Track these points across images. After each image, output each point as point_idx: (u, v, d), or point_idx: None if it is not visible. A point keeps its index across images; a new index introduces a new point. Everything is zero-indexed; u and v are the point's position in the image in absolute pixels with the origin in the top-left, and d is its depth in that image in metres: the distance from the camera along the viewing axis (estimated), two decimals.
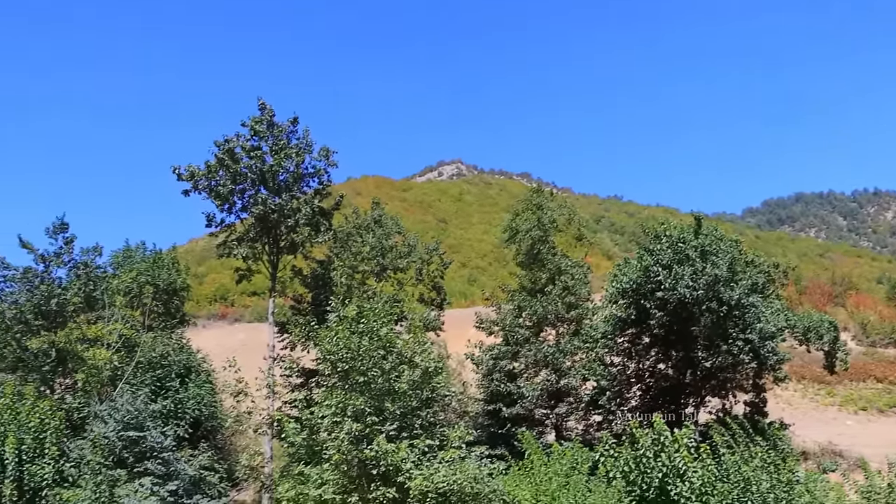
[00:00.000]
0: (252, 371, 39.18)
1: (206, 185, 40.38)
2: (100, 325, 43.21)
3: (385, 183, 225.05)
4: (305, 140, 40.93)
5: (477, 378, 44.34)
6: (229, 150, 39.97)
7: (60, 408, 39.30)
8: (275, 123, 40.73)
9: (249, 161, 40.06)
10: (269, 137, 40.52)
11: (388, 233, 44.61)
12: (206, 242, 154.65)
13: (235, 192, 40.53)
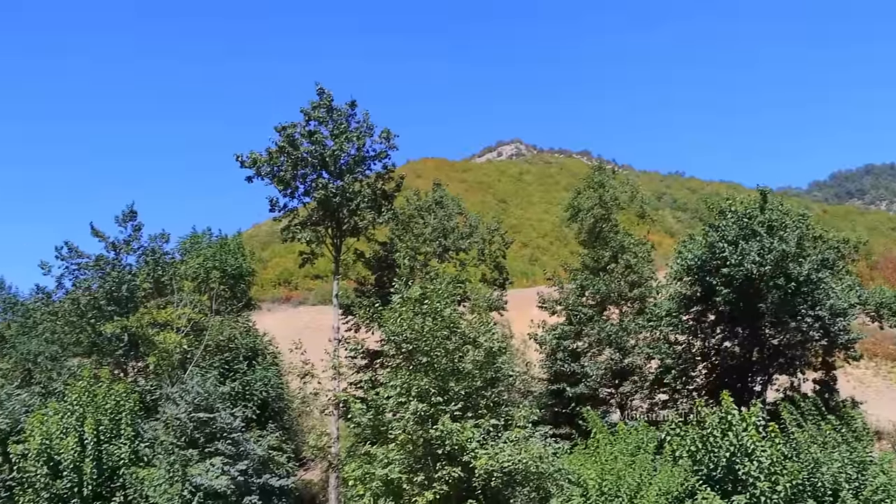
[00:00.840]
0: (317, 353, 39.70)
1: (269, 171, 40.90)
2: (169, 309, 44.23)
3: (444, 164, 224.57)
4: (366, 123, 41.17)
5: (540, 358, 44.24)
6: (289, 135, 40.40)
7: (134, 390, 40.38)
8: (333, 108, 41.02)
9: (310, 146, 40.45)
10: (328, 122, 40.85)
11: (450, 214, 44.66)
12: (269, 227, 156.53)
13: (297, 176, 40.99)
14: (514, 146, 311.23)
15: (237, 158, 40.80)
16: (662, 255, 58.24)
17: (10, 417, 39.73)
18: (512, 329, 49.99)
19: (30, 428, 36.23)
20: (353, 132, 40.68)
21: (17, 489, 35.97)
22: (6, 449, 37.71)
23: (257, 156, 40.63)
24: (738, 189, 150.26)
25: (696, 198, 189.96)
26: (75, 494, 34.79)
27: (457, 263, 43.41)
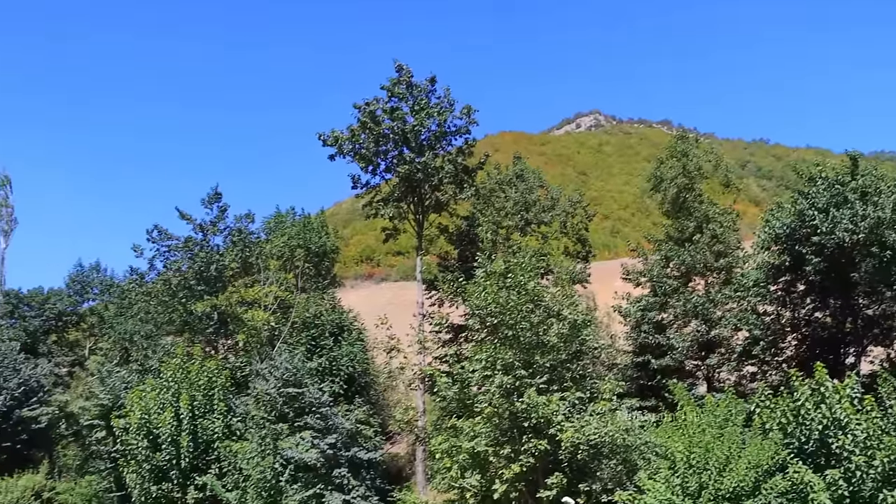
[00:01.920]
0: (401, 328, 40.13)
1: (351, 149, 41.32)
2: (256, 288, 45.30)
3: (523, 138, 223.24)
4: (446, 99, 41.21)
5: (625, 330, 43.91)
6: (370, 112, 40.70)
7: (225, 367, 41.60)
8: (413, 84, 41.13)
9: (391, 123, 40.69)
10: (408, 98, 41.00)
11: (531, 187, 44.54)
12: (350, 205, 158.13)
13: (379, 153, 41.31)
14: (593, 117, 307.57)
15: (319, 137, 41.32)
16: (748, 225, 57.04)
17: (112, 393, 41.49)
18: (596, 301, 49.73)
19: (130, 403, 37.75)
20: (433, 108, 40.76)
21: (121, 461, 37.56)
22: (110, 423, 39.40)
23: (339, 134, 41.06)
24: (827, 155, 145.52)
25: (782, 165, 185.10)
26: (174, 466, 36.13)
27: (539, 236, 43.34)
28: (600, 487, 26.33)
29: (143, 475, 36.25)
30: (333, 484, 35.08)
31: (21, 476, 46.33)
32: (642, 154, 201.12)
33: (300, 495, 34.14)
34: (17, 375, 52.67)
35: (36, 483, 45.97)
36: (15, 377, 52.33)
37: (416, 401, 39.37)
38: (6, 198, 70.72)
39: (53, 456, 53.67)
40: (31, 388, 53.05)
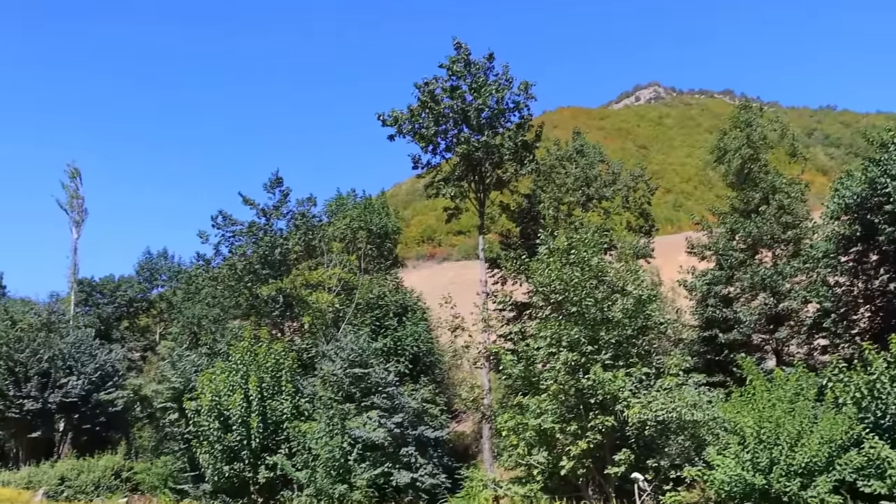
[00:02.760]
0: (464, 307, 40.21)
1: (410, 129, 41.37)
2: (320, 270, 45.87)
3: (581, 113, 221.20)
4: (505, 76, 40.98)
5: (691, 305, 43.34)
6: (430, 91, 40.68)
7: (291, 349, 42.36)
8: (471, 62, 40.97)
9: (450, 101, 40.63)
10: (467, 76, 40.84)
11: (592, 162, 44.11)
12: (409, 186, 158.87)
13: (439, 132, 41.28)
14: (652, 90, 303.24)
15: (379, 118, 41.43)
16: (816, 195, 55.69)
17: (183, 377, 42.54)
18: (660, 276, 49.20)
19: (200, 386, 38.74)
20: (491, 85, 40.59)
21: (194, 441, 38.59)
22: (182, 405, 40.46)
23: (398, 114, 41.14)
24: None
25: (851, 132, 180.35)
26: (245, 447, 36.99)
27: (601, 212, 42.95)
28: (668, 463, 26.18)
29: (215, 455, 37.19)
30: (401, 462, 35.43)
31: (101, 457, 47.98)
32: (704, 126, 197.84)
33: (368, 474, 34.59)
34: (94, 360, 54.40)
35: (115, 463, 47.54)
36: (91, 362, 54.07)
37: (482, 379, 39.45)
38: (76, 189, 72.61)
39: (130, 437, 55.35)
40: (106, 372, 54.75)
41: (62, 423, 54.29)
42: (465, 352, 38.97)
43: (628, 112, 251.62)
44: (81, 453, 49.68)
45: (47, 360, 52.46)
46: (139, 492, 45.80)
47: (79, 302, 70.98)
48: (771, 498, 22.53)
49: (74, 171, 73.26)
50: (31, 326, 54.78)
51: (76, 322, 62.29)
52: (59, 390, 51.67)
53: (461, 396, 37.76)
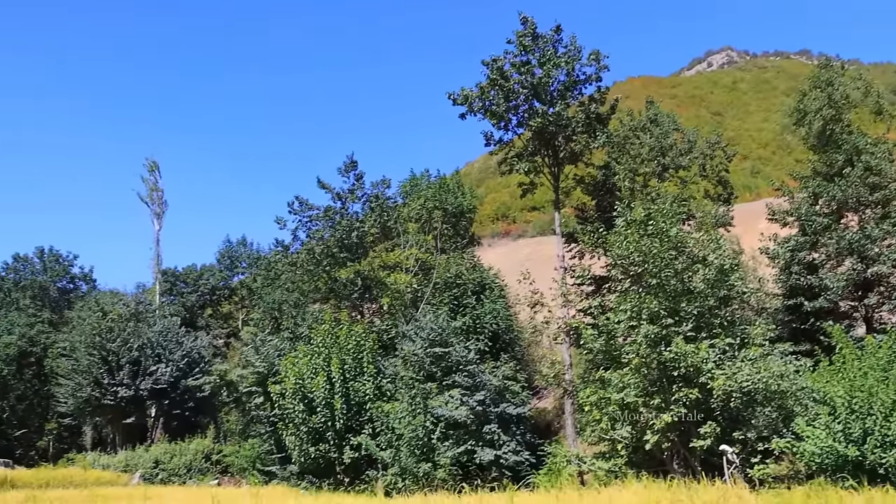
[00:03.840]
0: (542, 283, 40.03)
1: (481, 107, 41.20)
2: (397, 251, 46.21)
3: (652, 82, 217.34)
4: (573, 47, 40.47)
5: (773, 273, 42.30)
6: (499, 68, 40.42)
7: (371, 330, 42.81)
8: (539, 35, 40.54)
9: (519, 76, 40.31)
10: (535, 50, 40.44)
11: (666, 131, 43.28)
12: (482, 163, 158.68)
13: (510, 108, 41.03)
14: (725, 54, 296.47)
15: (449, 97, 41.35)
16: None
17: (267, 361, 43.41)
18: (740, 245, 48.18)
19: (284, 370, 39.48)
20: (560, 57, 40.13)
21: (280, 424, 39.36)
22: (266, 389, 41.31)
23: (469, 92, 41.00)
24: None
25: None
26: (329, 428, 37.58)
27: (678, 181, 42.18)
28: (756, 435, 25.66)
29: (301, 437, 37.89)
30: (484, 440, 35.54)
31: (192, 441, 49.51)
32: (780, 88, 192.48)
33: (452, 452, 34.79)
34: (181, 348, 56.01)
35: (205, 446, 49.00)
36: (178, 350, 55.68)
37: (562, 354, 39.26)
38: (155, 182, 74.55)
39: (218, 421, 56.89)
40: (193, 359, 56.33)
41: (154, 409, 56.14)
42: (545, 328, 38.79)
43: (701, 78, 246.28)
44: (173, 437, 51.31)
45: (137, 349, 54.21)
46: (229, 474, 47.09)
47: (164, 292, 72.93)
48: (865, 469, 21.98)
49: (153, 165, 75.15)
50: (120, 317, 56.62)
51: (162, 311, 64.09)
52: (149, 377, 53.38)
53: (542, 373, 37.62)
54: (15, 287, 76.79)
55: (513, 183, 46.16)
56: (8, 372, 63.04)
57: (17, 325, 65.26)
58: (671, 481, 18.35)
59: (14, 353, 63.13)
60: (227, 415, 57.92)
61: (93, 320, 56.52)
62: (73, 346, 57.65)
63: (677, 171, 42.42)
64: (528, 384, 42.70)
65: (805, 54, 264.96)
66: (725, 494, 15.88)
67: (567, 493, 19.44)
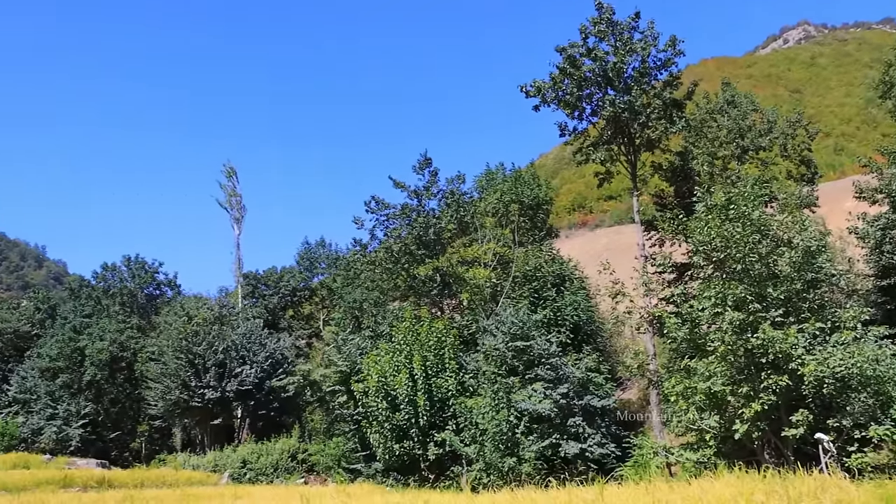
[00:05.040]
0: (622, 273, 39.45)
1: (554, 97, 40.80)
2: (475, 246, 46.12)
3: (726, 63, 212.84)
4: (650, 33, 39.74)
5: (863, 253, 40.92)
6: (570, 56, 39.95)
7: (452, 326, 42.81)
8: (614, 22, 39.92)
9: (592, 64, 39.77)
10: (609, 37, 39.86)
11: (744, 112, 42.24)
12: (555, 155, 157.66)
13: (583, 97, 40.56)
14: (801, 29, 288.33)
15: (521, 89, 41.04)
16: None
17: (349, 360, 43.83)
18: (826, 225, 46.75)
19: (366, 368, 39.79)
20: (636, 43, 39.45)
21: (364, 422, 39.70)
22: (349, 388, 41.70)
23: (541, 83, 40.64)
24: None
25: None
26: (413, 425, 37.73)
27: (758, 163, 41.10)
28: (851, 423, 24.73)
29: (385, 435, 38.12)
30: (568, 433, 35.22)
31: (277, 440, 50.27)
32: (863, 60, 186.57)
33: (536, 446, 34.55)
34: (264, 349, 56.94)
35: (290, 446, 49.71)
36: (262, 351, 56.62)
37: (646, 344, 38.66)
38: (234, 188, 75.92)
39: (302, 421, 57.70)
40: (276, 360, 57.21)
41: (240, 410, 57.20)
42: (627, 318, 38.19)
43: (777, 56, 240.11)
44: (259, 438, 52.20)
45: (222, 352, 55.30)
46: (314, 472, 47.66)
47: (246, 295, 74.27)
48: None
49: (231, 171, 76.56)
50: (205, 321, 57.85)
51: (245, 314, 65.24)
52: (234, 379, 54.41)
53: (625, 364, 37.07)
54: (105, 295, 79.20)
55: (588, 173, 45.55)
56: (101, 377, 65.12)
57: (108, 331, 67.25)
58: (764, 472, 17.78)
59: (106, 358, 65.10)
60: (312, 414, 58.68)
61: (179, 325, 57.89)
62: (161, 350, 59.15)
63: (757, 152, 41.35)
64: (612, 375, 42.19)
65: (889, 23, 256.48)
66: (824, 485, 15.26)
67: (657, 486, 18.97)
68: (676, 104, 40.82)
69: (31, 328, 78.72)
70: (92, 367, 64.53)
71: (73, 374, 64.94)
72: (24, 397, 64.98)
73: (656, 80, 40.53)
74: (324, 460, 46.66)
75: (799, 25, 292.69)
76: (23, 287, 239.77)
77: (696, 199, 31.14)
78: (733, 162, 40.26)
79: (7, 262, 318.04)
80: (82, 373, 64.69)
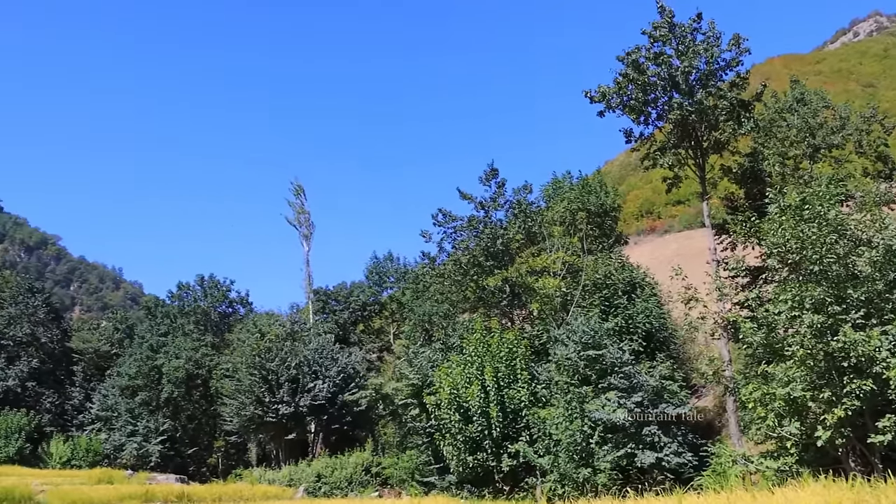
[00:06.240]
0: (693, 278, 38.75)
1: (619, 102, 40.45)
2: (543, 256, 45.91)
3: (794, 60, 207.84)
4: (712, 33, 39.16)
5: None
6: (634, 61, 39.56)
7: (523, 336, 42.59)
8: (676, 24, 39.45)
9: (656, 68, 39.32)
10: (672, 40, 39.39)
11: (814, 110, 41.29)
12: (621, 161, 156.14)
13: (648, 102, 40.14)
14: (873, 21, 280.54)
15: (586, 95, 40.78)
16: None
17: (420, 373, 43.95)
18: None
19: (438, 380, 39.83)
20: (699, 44, 38.89)
21: (437, 435, 39.69)
22: (422, 400, 41.77)
23: (606, 88, 40.32)
24: None
25: None
26: (486, 436, 37.59)
27: (831, 161, 40.13)
28: None
29: (458, 447, 38.05)
30: (644, 442, 34.71)
31: (351, 454, 50.58)
32: None
33: (611, 456, 34.11)
34: (336, 364, 57.46)
35: (364, 459, 49.96)
36: (334, 366, 57.14)
37: (720, 350, 37.94)
38: (302, 205, 76.86)
39: (375, 434, 57.99)
40: (348, 374, 57.68)
41: (313, 425, 57.70)
42: (701, 323, 37.48)
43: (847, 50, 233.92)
44: (333, 452, 52.59)
45: (295, 367, 55.96)
46: (388, 485, 47.78)
47: (316, 310, 75.04)
48: None
49: (298, 188, 77.56)
50: (277, 337, 58.67)
51: (316, 329, 65.93)
52: (307, 394, 54.97)
53: (700, 370, 36.41)
54: (180, 313, 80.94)
55: (655, 178, 45.00)
56: (178, 394, 66.53)
57: (183, 349, 68.66)
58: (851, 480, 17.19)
59: (182, 375, 66.48)
60: (384, 427, 58.93)
61: (252, 342, 58.78)
62: (235, 367, 60.08)
63: (830, 150, 40.40)
64: (686, 383, 41.49)
65: None
66: None
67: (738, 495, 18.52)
68: (744, 105, 40.05)
69: (110, 348, 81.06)
70: (169, 385, 65.99)
71: (152, 391, 66.48)
72: (106, 415, 66.95)
73: (722, 82, 39.86)
74: (397, 473, 46.74)
75: (870, 17, 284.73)
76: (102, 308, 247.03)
77: (768, 201, 30.48)
78: (805, 161, 39.39)
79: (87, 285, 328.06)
80: (160, 390, 66.17)
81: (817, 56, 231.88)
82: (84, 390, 75.94)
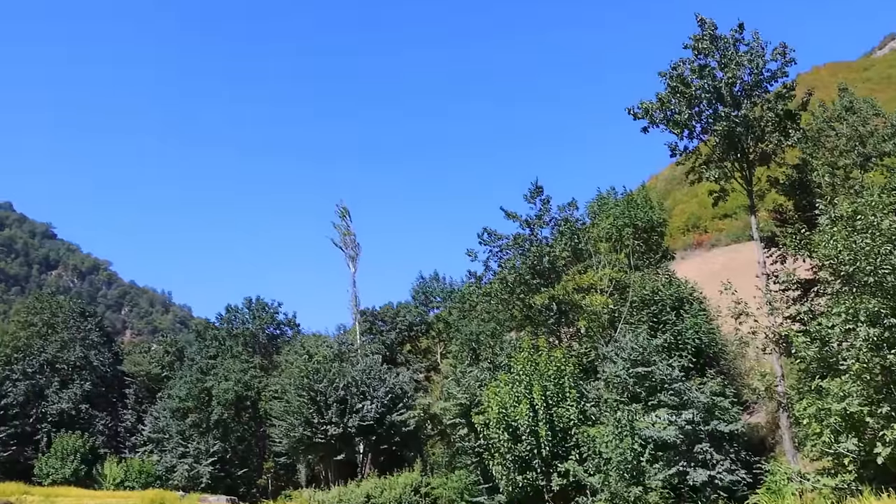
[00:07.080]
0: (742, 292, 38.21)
1: (663, 117, 40.18)
2: (590, 273, 45.61)
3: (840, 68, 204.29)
4: (756, 44, 38.77)
5: None
6: (678, 75, 39.31)
7: (571, 354, 42.29)
8: (717, 36, 39.14)
9: (700, 81, 39.00)
10: (714, 52, 39.07)
11: (864, 118, 40.59)
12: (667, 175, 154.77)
13: (692, 116, 39.81)
14: None
15: (629, 112, 40.60)
16: None
17: (468, 392, 43.85)
18: None
19: (486, 400, 39.70)
20: (742, 55, 38.51)
21: (485, 454, 39.53)
22: (470, 420, 41.64)
23: (649, 104, 40.10)
24: None
25: None
26: (535, 455, 37.35)
27: (883, 170, 39.34)
28: None
29: (507, 466, 37.84)
30: (696, 460, 34.25)
31: (400, 474, 50.54)
32: None
33: (662, 474, 33.71)
34: (384, 385, 57.48)
35: (413, 480, 49.87)
36: (382, 386, 57.16)
37: (773, 365, 37.27)
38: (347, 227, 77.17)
39: (424, 454, 57.88)
40: (396, 394, 57.64)
41: (362, 445, 57.75)
42: (752, 338, 36.88)
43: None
44: (382, 472, 52.57)
45: (343, 388, 56.10)
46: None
47: (363, 331, 75.20)
48: None
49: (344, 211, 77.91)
50: (325, 359, 58.93)
51: (363, 350, 66.12)
52: (355, 415, 55.04)
53: (751, 386, 35.84)
54: (229, 336, 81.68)
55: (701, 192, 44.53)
56: (228, 416, 67.10)
57: (232, 371, 69.22)
58: None
59: (232, 397, 67.01)
60: (433, 447, 58.79)
61: (300, 363, 59.10)
62: (283, 388, 60.40)
63: (882, 158, 39.60)
64: (738, 399, 40.80)
65: None
66: None
67: None
68: (790, 115, 39.50)
69: (161, 370, 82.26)
70: (219, 407, 66.55)
71: (202, 413, 67.09)
72: (158, 437, 67.85)
73: (768, 92, 39.38)
74: (447, 493, 46.56)
75: None
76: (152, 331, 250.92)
77: (818, 212, 29.99)
78: (856, 170, 38.67)
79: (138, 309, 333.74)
80: (210, 412, 66.74)
81: (865, 63, 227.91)
82: (136, 412, 77.20)
